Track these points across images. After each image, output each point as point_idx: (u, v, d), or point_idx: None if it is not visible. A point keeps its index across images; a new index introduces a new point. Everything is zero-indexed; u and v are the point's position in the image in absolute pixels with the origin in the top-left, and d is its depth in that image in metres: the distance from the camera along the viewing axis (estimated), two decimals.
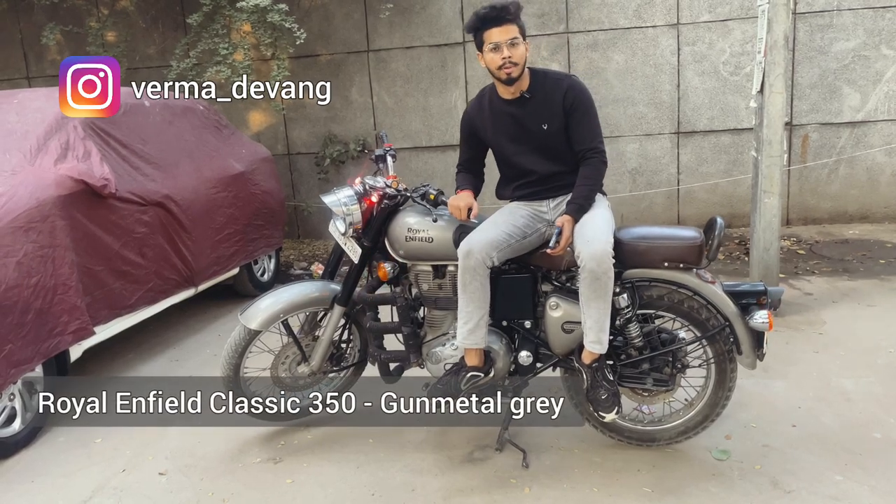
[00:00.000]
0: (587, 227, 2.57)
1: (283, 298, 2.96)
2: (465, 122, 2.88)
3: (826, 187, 6.27)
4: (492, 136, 2.80)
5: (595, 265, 2.46)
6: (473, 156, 2.91)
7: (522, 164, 2.77)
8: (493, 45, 2.58)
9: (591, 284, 2.49)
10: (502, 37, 2.57)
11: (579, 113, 2.67)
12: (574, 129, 2.69)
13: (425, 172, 6.65)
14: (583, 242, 2.50)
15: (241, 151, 5.11)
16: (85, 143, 3.63)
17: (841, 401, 3.19)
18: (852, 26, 5.92)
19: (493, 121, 2.77)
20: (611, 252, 2.48)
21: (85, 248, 3.46)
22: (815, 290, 4.65)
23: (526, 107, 2.70)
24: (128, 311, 3.80)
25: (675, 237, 2.67)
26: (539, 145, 2.72)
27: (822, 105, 6.10)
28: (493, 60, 2.60)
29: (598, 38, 6.27)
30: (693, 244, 2.61)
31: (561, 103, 2.66)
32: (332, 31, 6.68)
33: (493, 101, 2.77)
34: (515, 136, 2.74)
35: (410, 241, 2.79)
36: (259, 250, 5.09)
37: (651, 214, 6.49)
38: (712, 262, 2.66)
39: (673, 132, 6.35)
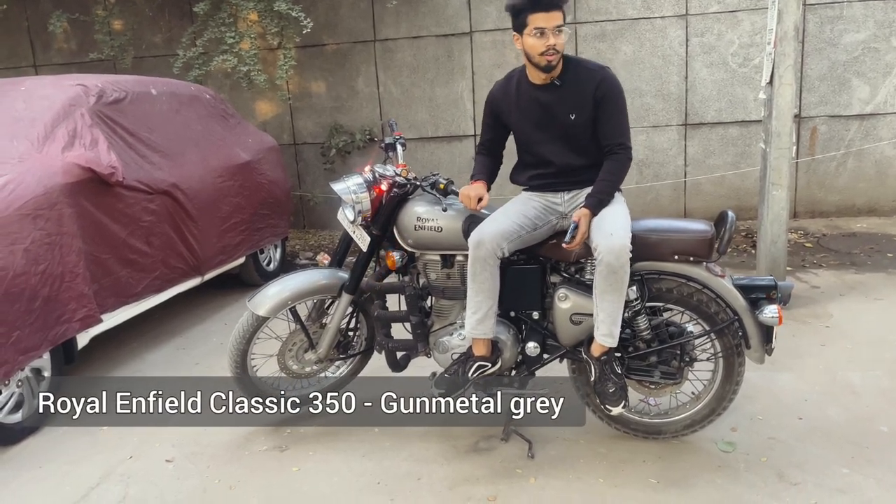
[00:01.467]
0: (606, 220, 2.55)
1: (290, 286, 2.96)
2: (489, 102, 2.83)
3: (834, 180, 6.23)
4: (516, 121, 2.75)
5: (613, 259, 2.44)
6: (494, 137, 2.87)
7: (543, 153, 2.74)
8: (538, 31, 2.50)
9: (608, 278, 2.47)
10: (549, 23, 2.50)
11: (610, 106, 2.62)
12: (603, 122, 2.64)
13: (431, 163, 6.64)
14: (602, 236, 2.49)
15: (248, 141, 5.10)
16: (92, 131, 3.63)
17: (847, 394, 3.18)
18: (862, 18, 5.87)
19: (518, 105, 2.72)
20: (629, 247, 2.47)
21: (92, 235, 3.47)
22: (822, 284, 4.64)
23: (556, 94, 2.65)
24: (134, 300, 3.81)
25: (686, 230, 2.66)
26: (563, 135, 2.68)
27: (832, 97, 6.06)
28: (536, 46, 2.52)
29: (606, 29, 6.24)
30: (704, 237, 2.60)
31: (592, 94, 2.61)
32: (339, 21, 6.66)
33: (521, 84, 2.71)
34: (541, 123, 2.70)
35: (419, 230, 2.78)
36: (265, 240, 5.10)
37: (657, 207, 6.47)
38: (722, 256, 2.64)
39: (680, 124, 6.32)
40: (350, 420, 3.18)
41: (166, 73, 6.08)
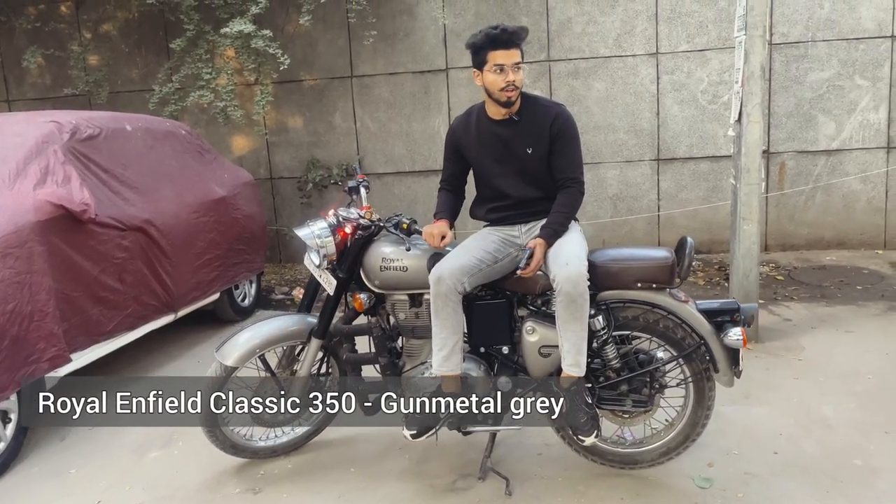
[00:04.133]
0: (562, 250, 2.60)
1: (259, 333, 2.93)
2: (450, 137, 2.90)
3: (803, 214, 6.36)
4: (476, 154, 2.82)
5: (571, 288, 2.48)
6: (456, 171, 2.93)
7: (500, 187, 2.80)
8: (497, 67, 2.60)
9: (568, 307, 2.50)
10: (508, 60, 2.59)
11: (563, 142, 2.71)
12: (557, 157, 2.73)
13: (408, 197, 6.68)
14: (558, 266, 2.52)
15: (224, 176, 5.09)
16: (65, 168, 3.60)
17: (821, 427, 3.20)
18: (826, 57, 6.06)
19: (479, 139, 2.79)
20: (586, 275, 2.51)
21: (63, 273, 3.41)
22: (794, 316, 4.70)
23: (514, 129, 2.72)
24: (105, 338, 3.74)
25: (647, 258, 2.71)
26: (521, 169, 2.75)
27: (799, 133, 6.22)
28: (496, 82, 2.61)
29: (579, 67, 6.36)
30: (664, 264, 2.64)
31: (548, 130, 2.69)
32: (316, 57, 6.72)
33: (480, 119, 2.79)
34: (499, 157, 2.76)
35: (385, 270, 2.80)
36: (240, 275, 5.06)
37: (632, 240, 6.54)
38: (684, 283, 2.67)
39: (653, 159, 6.43)
40: (326, 457, 3.14)
41: (142, 108, 6.09)
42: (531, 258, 2.58)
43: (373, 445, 3.23)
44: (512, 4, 6.35)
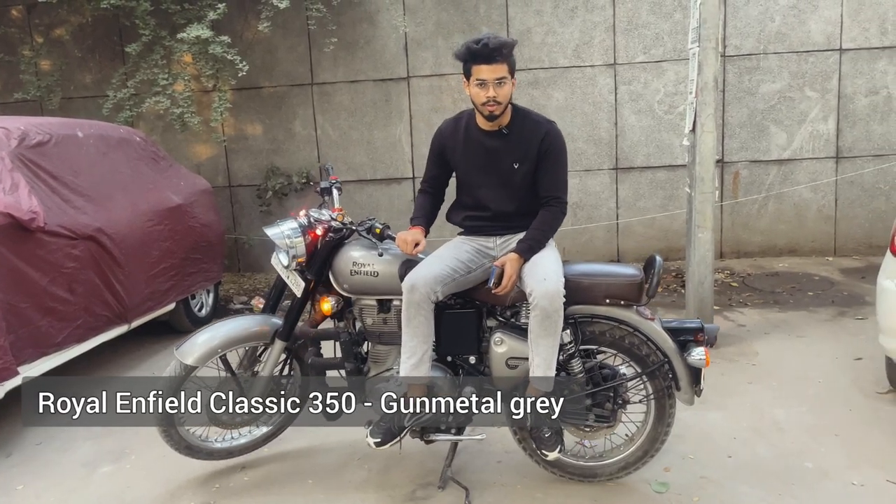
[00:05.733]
0: (540, 266, 2.59)
1: (221, 333, 2.88)
2: (436, 139, 2.86)
3: (756, 222, 6.51)
4: (460, 161, 2.79)
5: (547, 303, 2.48)
6: (438, 175, 2.90)
7: (481, 197, 2.78)
8: (479, 82, 2.57)
9: (543, 322, 2.50)
10: (490, 75, 2.55)
11: (551, 160, 2.70)
12: (543, 174, 2.71)
13: (370, 205, 6.64)
14: (535, 281, 2.52)
15: (180, 183, 5.00)
16: (13, 175, 3.50)
17: (774, 431, 3.27)
18: (777, 69, 6.23)
19: (465, 146, 2.76)
20: (562, 291, 2.52)
21: (9, 284, 3.31)
22: (748, 322, 4.80)
23: (502, 142, 2.70)
24: (55, 350, 3.63)
25: (617, 275, 2.72)
26: (504, 182, 2.73)
27: (751, 143, 6.37)
28: (477, 96, 2.59)
29: (538, 77, 6.43)
30: (634, 282, 2.66)
31: (537, 146, 2.68)
32: (276, 64, 6.66)
33: (469, 127, 2.76)
34: (484, 168, 2.74)
35: (355, 274, 2.76)
36: (196, 285, 4.97)
37: (591, 248, 6.61)
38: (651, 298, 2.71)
39: (611, 168, 6.52)
40: (284, 469, 3.10)
41: (96, 114, 5.95)
42: (501, 276, 2.57)
43: (332, 456, 3.20)
44: (472, 14, 6.39)
